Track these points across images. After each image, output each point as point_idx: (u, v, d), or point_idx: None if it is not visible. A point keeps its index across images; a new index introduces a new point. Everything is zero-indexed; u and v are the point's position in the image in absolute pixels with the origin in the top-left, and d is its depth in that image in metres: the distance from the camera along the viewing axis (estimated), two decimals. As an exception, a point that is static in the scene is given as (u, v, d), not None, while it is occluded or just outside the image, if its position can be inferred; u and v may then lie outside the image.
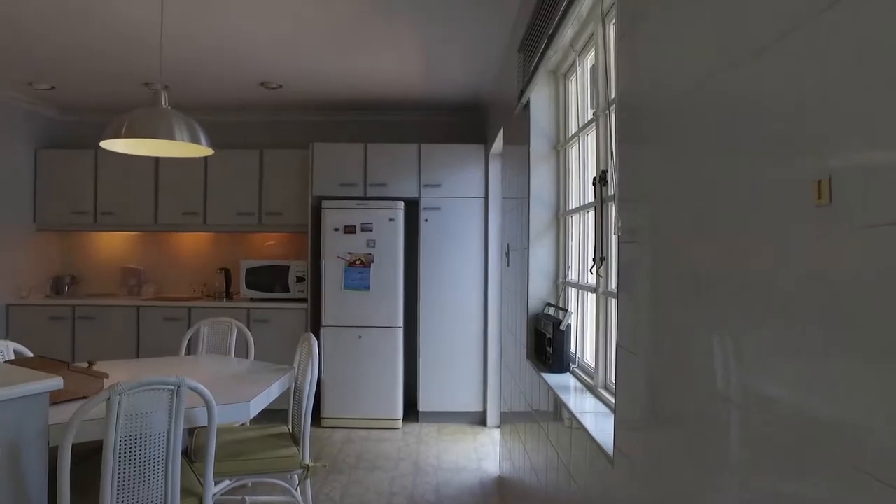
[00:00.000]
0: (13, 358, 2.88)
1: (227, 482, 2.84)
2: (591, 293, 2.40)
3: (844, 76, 0.74)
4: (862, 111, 0.71)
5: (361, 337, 5.06)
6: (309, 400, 2.88)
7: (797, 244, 0.83)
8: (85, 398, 2.22)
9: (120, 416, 1.98)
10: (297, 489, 2.90)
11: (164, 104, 2.88)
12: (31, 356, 2.85)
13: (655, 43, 1.42)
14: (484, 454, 4.49)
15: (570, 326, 2.58)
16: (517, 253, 3.46)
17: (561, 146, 2.94)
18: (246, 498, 3.26)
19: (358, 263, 5.06)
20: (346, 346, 5.06)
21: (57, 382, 1.86)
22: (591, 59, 2.51)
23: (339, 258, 5.06)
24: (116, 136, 2.74)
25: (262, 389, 2.61)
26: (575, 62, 2.68)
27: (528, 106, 3.06)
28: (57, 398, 2.17)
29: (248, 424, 3.25)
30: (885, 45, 0.67)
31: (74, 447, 1.97)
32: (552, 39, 2.46)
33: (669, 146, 1.32)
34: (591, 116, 2.42)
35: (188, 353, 3.74)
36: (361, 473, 4.06)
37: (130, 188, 5.43)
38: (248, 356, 3.60)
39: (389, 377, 5.06)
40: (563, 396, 2.24)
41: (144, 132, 2.77)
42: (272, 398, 2.70)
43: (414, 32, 3.71)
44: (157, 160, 5.36)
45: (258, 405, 2.53)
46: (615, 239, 1.81)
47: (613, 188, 1.92)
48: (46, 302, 5.28)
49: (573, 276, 2.78)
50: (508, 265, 3.88)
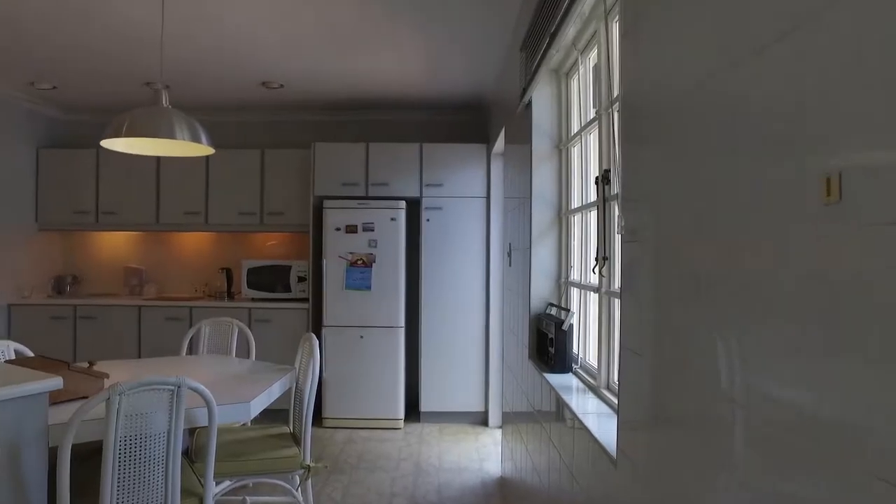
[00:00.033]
0: (14, 357, 2.88)
1: (227, 482, 2.84)
2: (593, 293, 2.39)
3: (850, 72, 0.72)
4: (872, 106, 0.69)
5: (363, 337, 5.06)
6: (310, 400, 2.87)
7: (804, 243, 0.82)
8: (85, 398, 2.22)
9: (120, 416, 1.97)
10: (298, 489, 2.89)
11: (164, 103, 2.87)
12: (31, 356, 2.85)
13: (659, 41, 1.41)
14: (486, 454, 4.48)
15: (572, 326, 2.57)
16: (519, 252, 3.45)
17: (563, 145, 2.93)
18: (247, 498, 3.26)
19: (359, 263, 5.05)
20: (347, 346, 5.05)
21: (57, 382, 1.85)
22: (593, 57, 2.50)
23: (340, 258, 5.05)
24: (117, 135, 2.73)
25: (262, 389, 2.60)
26: (577, 61, 2.66)
27: (530, 105, 3.05)
28: (57, 398, 2.17)
29: (248, 424, 3.25)
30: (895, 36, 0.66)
31: (74, 447, 1.96)
32: (554, 38, 2.44)
33: (673, 145, 1.31)
34: (593, 115, 2.40)
35: (189, 352, 3.73)
36: (363, 474, 4.05)
37: (132, 188, 5.43)
38: (249, 356, 3.60)
39: (391, 377, 5.06)
40: (565, 397, 2.23)
41: (145, 131, 2.76)
42: (273, 398, 2.70)
43: (415, 32, 3.70)
44: (158, 160, 5.36)
45: (259, 405, 2.52)
46: (618, 238, 1.79)
47: (616, 187, 1.90)
48: (48, 301, 5.28)
49: (575, 275, 2.77)
50: (510, 265, 3.87)
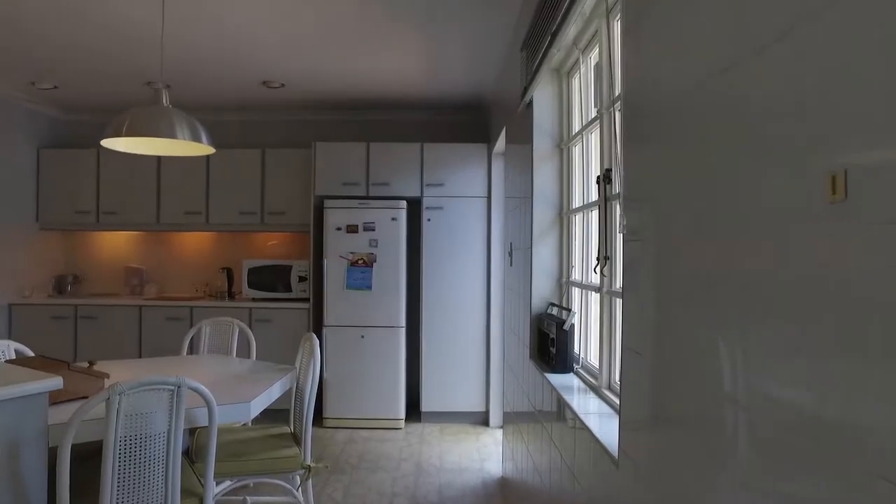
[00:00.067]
0: (14, 357, 2.87)
1: (228, 483, 2.83)
2: (594, 293, 2.38)
3: (855, 68, 0.72)
4: (878, 102, 0.68)
5: (364, 337, 5.05)
6: (310, 400, 2.86)
7: (807, 242, 0.81)
8: (85, 398, 2.21)
9: (120, 416, 1.96)
10: (298, 490, 2.89)
11: (165, 103, 2.86)
12: (31, 356, 2.84)
13: (661, 39, 1.40)
14: (486, 455, 4.47)
15: (573, 326, 2.56)
16: (520, 252, 3.45)
17: (564, 144, 2.92)
18: (247, 498, 3.25)
19: (360, 263, 5.04)
20: (348, 345, 5.05)
21: (56, 382, 1.85)
22: (594, 56, 2.49)
23: (341, 258, 5.05)
24: (117, 134, 2.73)
25: (263, 389, 2.60)
26: (578, 60, 2.66)
27: (531, 104, 3.04)
28: (57, 398, 2.16)
29: (249, 424, 3.24)
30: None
31: (75, 447, 1.96)
32: (555, 37, 2.44)
33: (676, 143, 1.30)
34: (594, 114, 2.40)
35: (190, 352, 3.72)
36: (363, 474, 4.04)
37: (133, 187, 5.43)
38: (249, 356, 3.59)
39: (392, 377, 5.05)
40: (566, 397, 2.22)
41: (145, 131, 2.75)
42: (273, 398, 2.69)
43: (416, 31, 3.69)
44: (159, 159, 5.36)
45: (259, 405, 2.52)
46: (620, 238, 1.79)
47: (617, 186, 1.89)
48: (49, 301, 5.28)
49: (577, 275, 2.76)
50: (511, 265, 3.86)
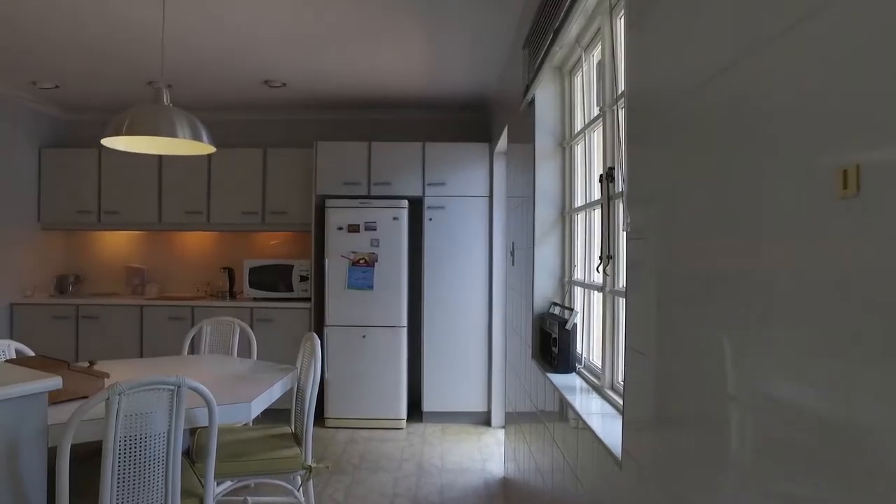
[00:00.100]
0: (14, 357, 2.87)
1: (228, 483, 2.82)
2: (597, 292, 2.37)
3: (866, 62, 0.70)
4: (889, 95, 0.67)
5: (365, 336, 5.04)
6: (311, 400, 2.85)
7: (816, 239, 0.79)
8: (85, 398, 2.20)
9: (119, 416, 1.95)
10: (299, 490, 2.88)
11: (166, 102, 2.85)
12: (32, 355, 2.84)
13: (665, 36, 1.38)
14: (488, 455, 4.46)
15: (575, 326, 2.55)
16: (522, 252, 3.43)
17: (567, 143, 2.90)
18: (248, 499, 3.24)
19: (361, 263, 5.03)
20: (349, 345, 5.04)
21: (56, 382, 1.84)
22: (597, 54, 2.48)
23: (342, 257, 5.04)
24: (117, 133, 2.72)
25: (263, 389, 2.59)
26: (581, 58, 2.64)
27: (533, 103, 3.03)
28: (56, 398, 2.15)
29: (250, 424, 3.23)
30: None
31: (75, 447, 1.95)
32: (558, 34, 2.42)
33: (680, 141, 1.29)
34: (597, 113, 2.38)
35: (191, 352, 3.72)
36: (364, 474, 4.03)
37: (134, 187, 5.42)
38: (250, 356, 3.58)
39: (393, 377, 5.04)
40: (568, 397, 2.21)
41: (146, 129, 2.74)
42: (274, 398, 2.68)
43: (417, 30, 3.68)
44: (160, 159, 5.35)
45: (259, 405, 2.51)
46: (623, 237, 1.77)
47: (621, 185, 1.88)
48: (50, 301, 5.28)
49: (579, 274, 2.74)
50: (513, 264, 3.85)
